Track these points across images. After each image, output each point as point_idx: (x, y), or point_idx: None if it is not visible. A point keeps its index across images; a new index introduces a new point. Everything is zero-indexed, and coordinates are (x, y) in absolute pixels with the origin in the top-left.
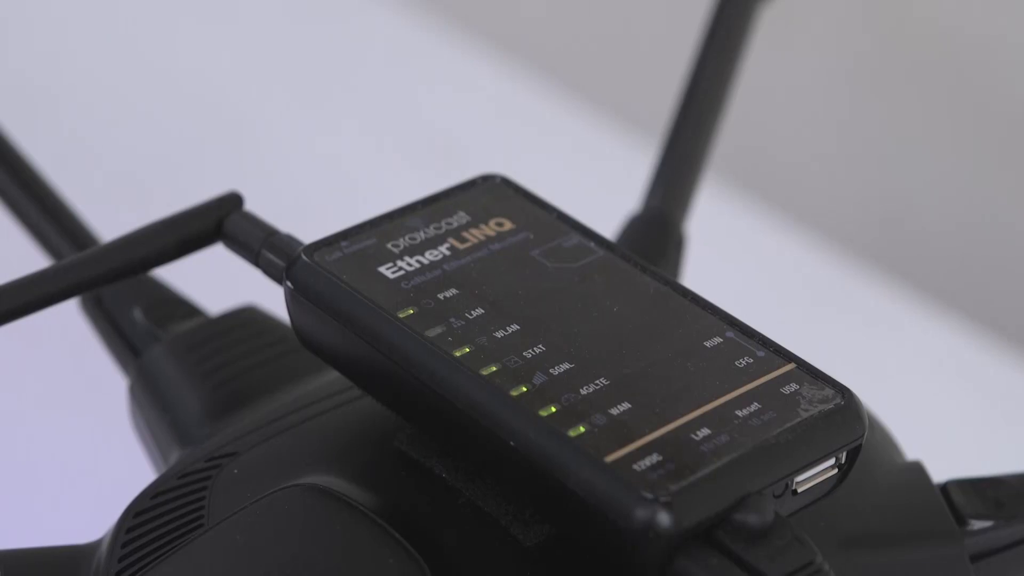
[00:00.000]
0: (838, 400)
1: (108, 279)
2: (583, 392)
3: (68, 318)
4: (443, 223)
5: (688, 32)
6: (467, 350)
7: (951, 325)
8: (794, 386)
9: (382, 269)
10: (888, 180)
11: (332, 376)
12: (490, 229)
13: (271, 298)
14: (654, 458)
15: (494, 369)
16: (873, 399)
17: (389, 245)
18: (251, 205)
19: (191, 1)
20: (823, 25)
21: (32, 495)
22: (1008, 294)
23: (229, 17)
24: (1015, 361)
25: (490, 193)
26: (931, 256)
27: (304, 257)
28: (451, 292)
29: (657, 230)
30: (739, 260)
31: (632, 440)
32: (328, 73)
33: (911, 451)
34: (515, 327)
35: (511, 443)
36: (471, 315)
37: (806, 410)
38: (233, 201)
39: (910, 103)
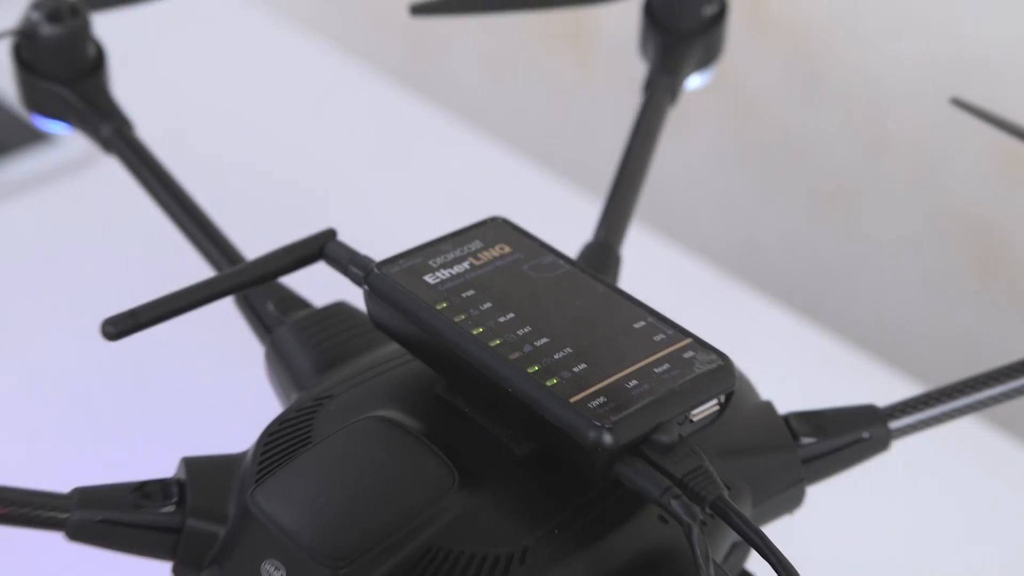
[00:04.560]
0: (720, 362)
1: (251, 284)
2: (555, 357)
3: (225, 309)
4: (464, 248)
5: (622, 125)
6: (481, 330)
7: (794, 321)
8: (691, 353)
9: (426, 277)
10: (746, 225)
11: (394, 347)
12: (496, 252)
13: (356, 297)
14: (601, 399)
15: (498, 343)
16: (740, 362)
17: (430, 262)
18: (341, 237)
19: (303, 89)
20: (705, 119)
21: (207, 423)
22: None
23: (338, 106)
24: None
25: (496, 228)
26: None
27: (376, 270)
28: (471, 292)
29: (603, 253)
30: (649, 273)
31: (587, 388)
32: (390, 156)
33: (764, 395)
34: (512, 315)
35: (509, 389)
36: (483, 308)
37: (699, 368)
38: (330, 234)
39: (764, 177)
